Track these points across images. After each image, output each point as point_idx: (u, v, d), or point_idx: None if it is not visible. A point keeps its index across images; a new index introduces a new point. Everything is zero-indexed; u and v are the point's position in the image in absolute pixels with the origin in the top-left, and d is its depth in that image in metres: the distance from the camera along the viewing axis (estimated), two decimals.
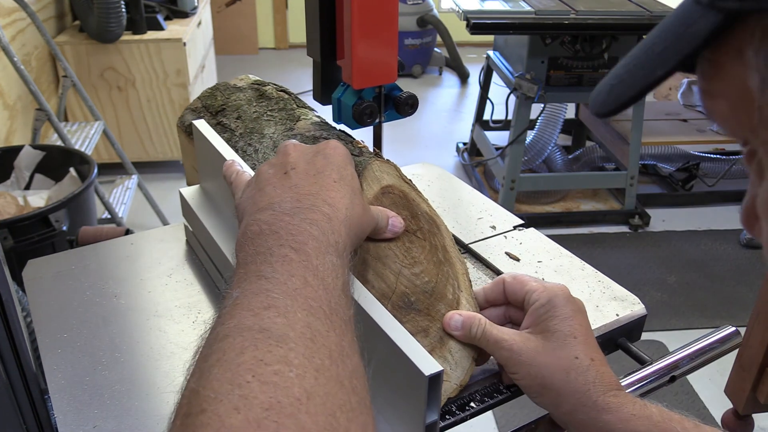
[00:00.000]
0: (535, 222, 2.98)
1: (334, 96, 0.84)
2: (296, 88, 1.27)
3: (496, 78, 3.27)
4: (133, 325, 0.77)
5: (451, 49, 4.81)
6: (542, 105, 3.04)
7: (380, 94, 0.84)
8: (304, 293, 0.45)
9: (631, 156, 2.98)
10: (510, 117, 3.02)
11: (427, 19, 4.61)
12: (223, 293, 0.47)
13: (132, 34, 3.02)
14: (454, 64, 4.88)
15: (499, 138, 3.42)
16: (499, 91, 3.36)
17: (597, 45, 2.77)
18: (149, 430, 0.63)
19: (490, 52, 3.30)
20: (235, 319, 0.42)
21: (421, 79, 4.88)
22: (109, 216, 2.53)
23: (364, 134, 0.83)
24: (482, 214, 1.01)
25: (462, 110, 4.44)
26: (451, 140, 3.90)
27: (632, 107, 2.68)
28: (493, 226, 0.98)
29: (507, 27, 2.70)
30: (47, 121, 2.31)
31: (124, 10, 2.86)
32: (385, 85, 0.84)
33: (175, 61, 3.06)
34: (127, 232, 0.99)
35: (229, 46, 5.10)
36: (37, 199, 2.19)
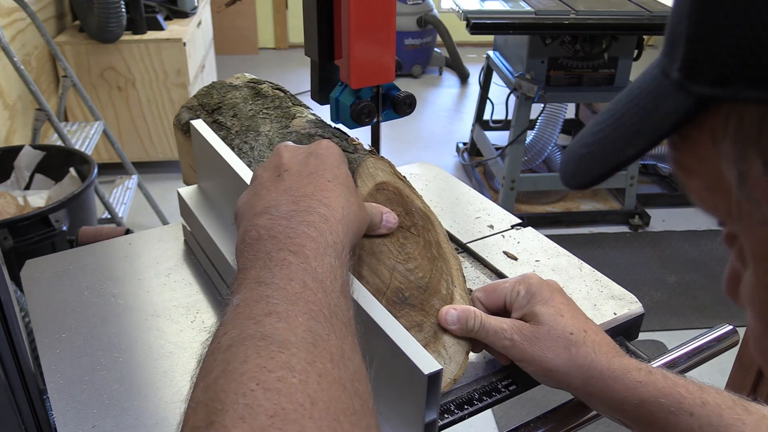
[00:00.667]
0: (535, 222, 2.98)
1: (332, 96, 0.84)
2: (296, 88, 1.26)
3: (496, 78, 3.27)
4: (132, 325, 0.77)
5: (451, 49, 4.80)
6: (542, 105, 3.03)
7: (378, 94, 0.84)
8: (304, 297, 0.45)
9: None
10: (510, 117, 3.02)
11: (427, 19, 4.61)
12: (224, 300, 0.47)
13: (132, 34, 3.02)
14: (454, 64, 4.88)
15: (499, 138, 3.41)
16: (499, 91, 3.36)
17: (597, 45, 2.77)
18: (148, 429, 0.64)
19: (490, 52, 3.30)
20: (237, 328, 0.42)
21: (421, 79, 4.88)
22: (109, 216, 2.54)
23: (363, 134, 0.84)
24: (480, 214, 1.01)
25: (462, 110, 4.44)
26: (451, 140, 3.90)
27: None
28: (491, 226, 0.98)
29: (507, 27, 2.70)
30: (47, 121, 2.31)
31: (124, 10, 2.86)
32: (383, 84, 0.84)
33: (175, 61, 3.06)
34: (127, 232, 0.99)
35: (229, 46, 5.10)
36: (37, 199, 2.19)
